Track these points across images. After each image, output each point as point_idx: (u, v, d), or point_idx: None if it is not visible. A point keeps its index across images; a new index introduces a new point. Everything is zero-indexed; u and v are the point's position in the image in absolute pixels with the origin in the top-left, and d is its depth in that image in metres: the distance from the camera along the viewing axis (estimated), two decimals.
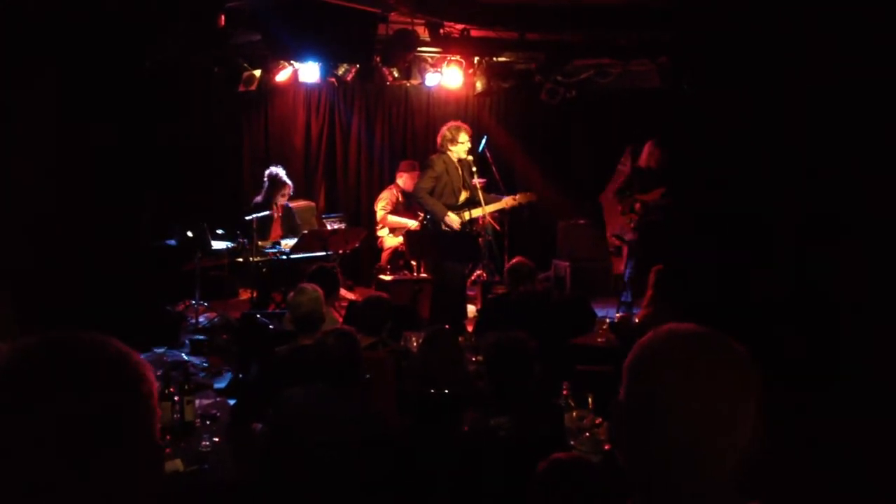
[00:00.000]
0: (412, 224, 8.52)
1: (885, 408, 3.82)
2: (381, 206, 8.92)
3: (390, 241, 8.84)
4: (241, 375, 5.40)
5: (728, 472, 1.25)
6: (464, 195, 7.35)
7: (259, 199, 7.90)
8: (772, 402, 1.33)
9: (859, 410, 3.93)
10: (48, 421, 1.00)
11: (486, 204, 7.37)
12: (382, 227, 8.91)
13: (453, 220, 7.21)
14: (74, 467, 1.01)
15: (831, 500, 3.47)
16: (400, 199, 8.89)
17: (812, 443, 3.82)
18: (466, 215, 7.32)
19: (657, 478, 1.27)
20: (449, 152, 7.32)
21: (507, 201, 7.53)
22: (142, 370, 1.10)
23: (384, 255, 8.81)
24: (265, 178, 7.98)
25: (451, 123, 7.50)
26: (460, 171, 7.35)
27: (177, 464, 3.35)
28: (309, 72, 8.58)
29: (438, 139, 7.43)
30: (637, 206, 7.67)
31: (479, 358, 4.56)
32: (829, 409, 4.00)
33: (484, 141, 7.97)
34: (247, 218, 7.47)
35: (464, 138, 7.29)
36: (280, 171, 8.00)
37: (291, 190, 8.03)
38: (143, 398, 1.09)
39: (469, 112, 10.11)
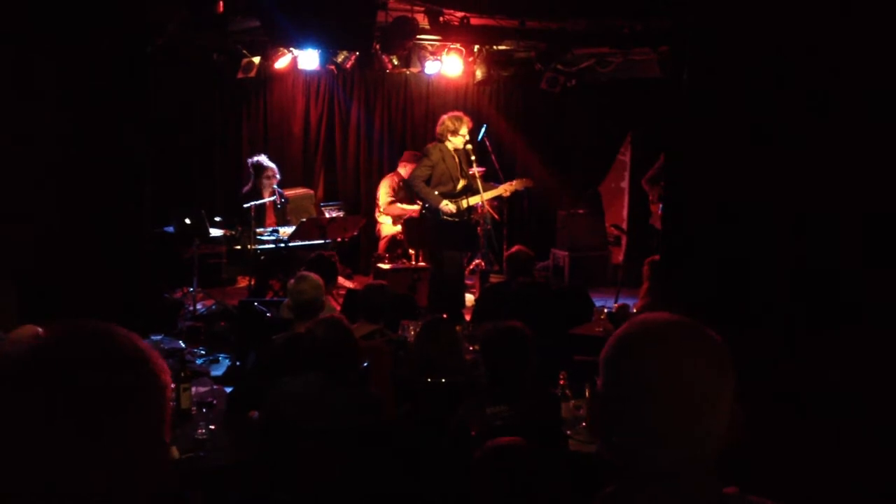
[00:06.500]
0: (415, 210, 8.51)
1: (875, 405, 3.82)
2: (385, 192, 8.91)
3: (388, 229, 8.84)
4: (238, 363, 5.40)
5: (706, 458, 1.27)
6: (461, 183, 7.32)
7: (248, 188, 7.85)
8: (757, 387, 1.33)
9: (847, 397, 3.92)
10: (59, 408, 1.02)
11: (484, 192, 7.33)
12: (385, 215, 8.90)
13: (448, 207, 7.17)
14: (80, 457, 1.03)
15: (811, 488, 3.47)
16: (400, 186, 8.89)
17: (794, 431, 3.82)
18: (464, 203, 7.29)
19: (636, 465, 1.29)
20: (447, 142, 7.28)
21: (504, 188, 7.51)
22: (156, 366, 1.13)
23: (382, 244, 8.81)
24: (249, 168, 7.93)
25: (453, 113, 7.41)
26: (457, 160, 7.31)
27: (173, 451, 3.35)
28: (308, 59, 8.54)
29: (438, 128, 7.36)
30: None
31: (477, 347, 4.56)
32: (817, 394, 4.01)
33: (483, 129, 7.94)
34: (245, 206, 7.45)
35: (464, 131, 7.24)
36: (261, 157, 7.95)
37: (276, 172, 7.92)
38: (155, 393, 1.12)
39: (469, 100, 10.08)
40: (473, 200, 7.33)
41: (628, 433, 1.28)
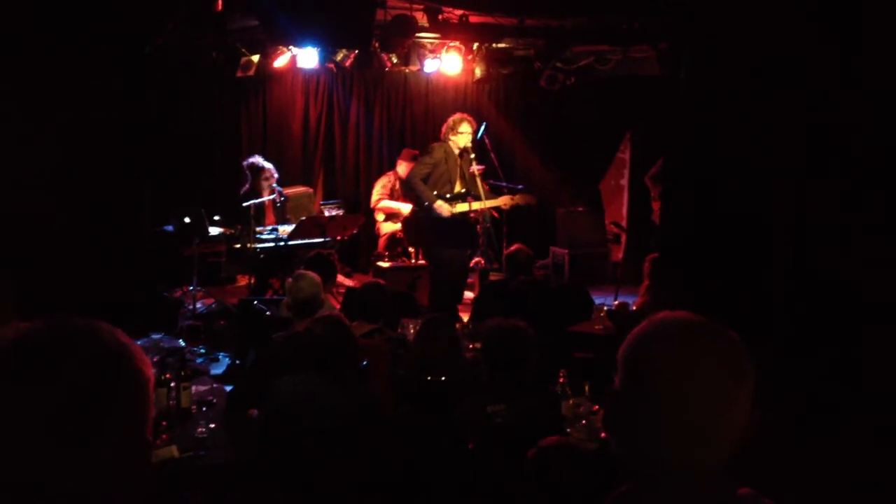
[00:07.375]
0: (406, 209, 8.51)
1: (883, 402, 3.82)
2: (378, 190, 8.91)
3: (386, 227, 8.84)
4: (238, 362, 5.40)
5: (721, 459, 1.26)
6: (458, 187, 7.29)
7: (246, 188, 7.83)
8: (765, 390, 1.33)
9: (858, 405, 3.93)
10: (39, 404, 1.01)
11: (486, 199, 7.28)
12: (378, 213, 8.91)
13: (442, 208, 7.13)
14: (61, 453, 1.02)
15: (822, 487, 3.48)
16: (396, 185, 8.88)
17: (795, 431, 3.82)
18: (464, 207, 7.25)
19: (651, 465, 1.28)
20: (450, 142, 7.26)
21: (504, 200, 7.46)
22: (139, 362, 1.11)
23: (381, 241, 8.81)
24: (246, 170, 7.91)
25: (457, 115, 7.40)
26: (459, 162, 7.29)
27: (172, 450, 3.35)
28: (307, 57, 8.54)
29: (443, 128, 7.36)
30: None
31: (477, 345, 4.56)
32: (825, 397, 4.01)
33: (482, 127, 7.94)
34: (244, 204, 7.45)
35: (465, 129, 7.21)
36: (257, 158, 7.94)
37: (274, 172, 7.91)
38: (137, 389, 1.10)
39: (468, 98, 10.08)
40: (476, 206, 7.28)
41: (643, 432, 1.27)
